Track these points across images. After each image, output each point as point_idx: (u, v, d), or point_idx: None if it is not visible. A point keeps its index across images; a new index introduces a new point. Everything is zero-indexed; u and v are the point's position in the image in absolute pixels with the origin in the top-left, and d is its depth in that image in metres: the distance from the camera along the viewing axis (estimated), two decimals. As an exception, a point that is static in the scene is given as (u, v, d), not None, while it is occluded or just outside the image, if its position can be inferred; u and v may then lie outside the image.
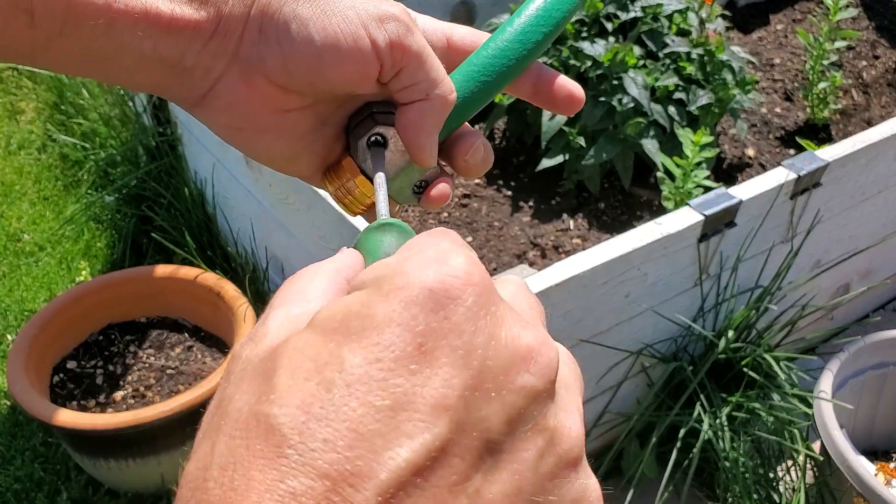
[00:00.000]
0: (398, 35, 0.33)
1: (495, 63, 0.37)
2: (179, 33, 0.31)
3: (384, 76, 0.34)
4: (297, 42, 0.32)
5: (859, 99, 1.80)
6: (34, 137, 2.07)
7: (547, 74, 0.39)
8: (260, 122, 0.35)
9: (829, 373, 1.23)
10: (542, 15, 0.37)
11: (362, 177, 0.37)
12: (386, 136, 0.36)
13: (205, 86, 0.34)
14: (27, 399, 1.16)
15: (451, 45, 0.38)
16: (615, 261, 1.02)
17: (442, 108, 0.35)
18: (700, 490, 1.28)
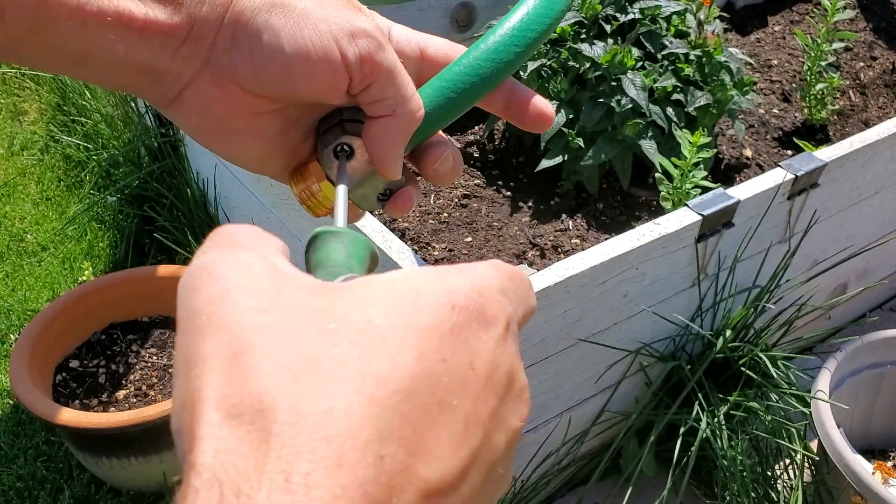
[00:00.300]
0: (369, 51, 0.33)
1: (465, 79, 0.37)
2: (152, 37, 0.32)
3: (353, 89, 0.34)
4: (268, 52, 0.32)
5: (857, 100, 1.81)
6: (37, 138, 2.08)
7: (520, 92, 0.39)
8: (231, 125, 0.35)
9: (826, 372, 1.24)
10: (514, 35, 0.37)
11: (327, 182, 0.37)
12: (353, 147, 0.37)
13: (176, 88, 0.34)
14: (30, 398, 1.17)
15: (425, 57, 0.38)
16: (613, 260, 1.03)
17: (408, 125, 0.36)
18: (698, 488, 1.29)
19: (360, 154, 0.37)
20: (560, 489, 1.29)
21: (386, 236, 1.02)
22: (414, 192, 0.39)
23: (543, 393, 1.11)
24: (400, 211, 0.39)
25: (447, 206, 1.46)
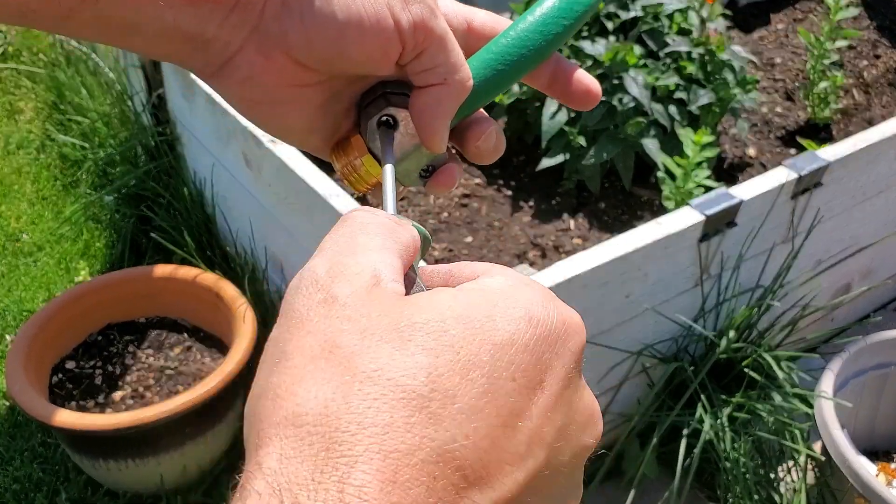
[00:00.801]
0: (422, 17, 0.33)
1: (513, 52, 0.36)
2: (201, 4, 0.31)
3: (405, 57, 0.34)
4: (321, 18, 0.32)
5: (860, 98, 1.80)
6: (33, 137, 2.06)
7: (565, 67, 0.38)
8: (274, 95, 0.35)
9: (830, 373, 1.23)
10: (563, 7, 0.37)
11: (369, 156, 0.37)
12: (397, 118, 0.36)
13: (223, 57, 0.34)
14: (26, 399, 1.16)
15: (472, 30, 0.38)
16: (616, 261, 1.02)
17: (458, 94, 0.35)
18: (701, 490, 1.28)
19: (405, 127, 0.36)
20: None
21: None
22: (457, 170, 0.39)
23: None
24: (442, 187, 0.39)
25: (447, 205, 1.45)
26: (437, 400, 0.20)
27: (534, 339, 0.22)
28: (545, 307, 0.23)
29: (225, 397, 1.21)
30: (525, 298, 0.23)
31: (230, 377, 1.19)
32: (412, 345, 0.21)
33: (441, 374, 0.21)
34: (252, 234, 1.46)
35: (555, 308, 0.24)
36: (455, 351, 0.21)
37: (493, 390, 0.21)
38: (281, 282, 1.45)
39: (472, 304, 0.23)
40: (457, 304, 0.22)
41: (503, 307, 0.23)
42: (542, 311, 0.23)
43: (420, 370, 0.21)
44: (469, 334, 0.22)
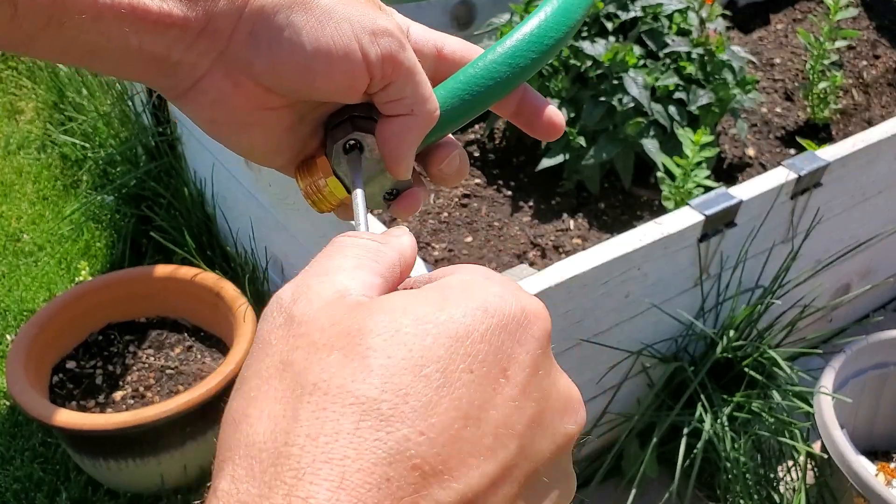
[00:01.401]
0: (391, 50, 0.33)
1: (480, 82, 0.37)
2: (167, 30, 0.31)
3: (372, 89, 0.34)
4: (288, 49, 0.32)
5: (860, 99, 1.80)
6: (33, 137, 2.07)
7: (531, 98, 0.39)
8: (241, 118, 0.35)
9: (829, 373, 1.23)
10: (532, 40, 0.37)
11: (334, 178, 0.37)
12: (363, 143, 0.37)
13: (189, 80, 0.34)
14: (27, 399, 1.16)
15: (442, 57, 0.38)
16: (615, 261, 1.02)
17: (424, 125, 0.36)
18: (700, 490, 1.28)
19: (370, 151, 0.37)
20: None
21: (385, 236, 1.01)
22: (421, 194, 0.39)
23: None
24: (406, 212, 0.39)
25: (447, 205, 1.45)
26: (388, 401, 0.20)
27: (490, 329, 0.22)
28: (502, 297, 0.23)
29: (225, 397, 1.21)
30: (481, 291, 0.23)
31: (230, 377, 1.19)
32: (362, 348, 0.21)
33: (393, 374, 0.20)
34: (252, 233, 1.47)
35: (513, 297, 0.23)
36: (408, 349, 0.21)
37: (448, 383, 0.20)
38: (281, 281, 1.45)
39: (426, 301, 0.22)
40: (410, 303, 0.22)
41: (457, 301, 0.22)
42: (498, 302, 0.23)
43: (370, 373, 0.20)
44: (422, 330, 0.21)
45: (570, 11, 0.38)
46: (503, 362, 0.22)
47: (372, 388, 0.20)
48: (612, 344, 1.13)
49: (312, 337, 0.22)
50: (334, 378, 0.20)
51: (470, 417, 0.20)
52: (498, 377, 0.21)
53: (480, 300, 0.22)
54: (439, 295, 0.23)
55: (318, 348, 0.21)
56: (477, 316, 0.22)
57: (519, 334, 0.22)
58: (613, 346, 1.13)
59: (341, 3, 0.33)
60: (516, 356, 0.22)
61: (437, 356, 0.21)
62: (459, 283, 0.24)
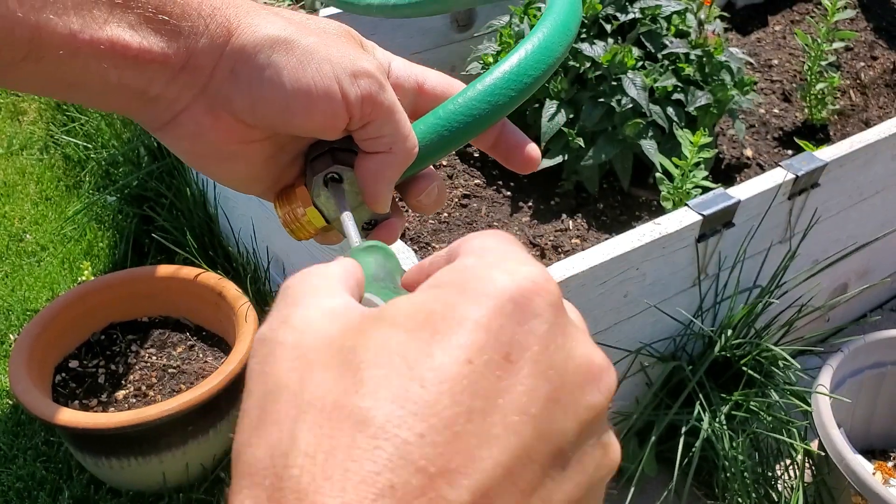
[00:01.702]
0: (370, 91, 0.34)
1: (459, 118, 0.37)
2: (147, 66, 0.32)
3: (352, 126, 0.35)
4: (269, 88, 0.33)
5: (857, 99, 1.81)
6: (36, 138, 2.08)
7: (509, 133, 0.39)
8: (221, 150, 0.35)
9: (827, 372, 1.24)
10: (510, 78, 0.38)
11: (313, 208, 0.38)
12: (342, 176, 0.37)
13: (169, 114, 0.34)
14: (29, 398, 1.17)
15: (423, 91, 0.39)
16: (614, 260, 1.03)
17: (402, 162, 0.36)
18: (699, 489, 1.29)
19: (349, 184, 0.37)
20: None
21: (386, 236, 1.02)
22: (398, 224, 0.40)
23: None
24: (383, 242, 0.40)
25: (447, 205, 1.46)
26: (383, 408, 0.20)
27: (484, 315, 0.21)
28: (494, 281, 0.22)
29: (227, 396, 1.22)
30: (472, 279, 0.22)
31: (232, 376, 1.20)
32: (354, 363, 0.21)
33: (386, 382, 0.20)
34: (254, 234, 1.47)
35: (509, 277, 0.22)
36: (401, 356, 0.21)
37: (445, 380, 0.20)
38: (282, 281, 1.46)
39: (417, 304, 0.22)
40: (399, 311, 0.22)
41: (446, 297, 0.22)
42: (490, 287, 0.22)
43: (362, 385, 0.20)
44: (411, 336, 0.21)
45: (550, 49, 0.39)
46: (504, 347, 0.21)
47: (365, 398, 0.20)
48: (611, 343, 1.14)
49: (307, 357, 0.22)
50: (329, 395, 0.20)
51: (474, 410, 0.20)
52: (501, 363, 0.21)
53: (472, 290, 0.22)
54: (429, 295, 0.22)
55: (313, 368, 0.21)
56: (468, 306, 0.21)
57: (518, 315, 0.21)
58: (612, 345, 1.14)
59: (323, 44, 0.33)
60: (518, 338, 0.21)
61: (429, 353, 0.20)
62: (450, 277, 0.23)
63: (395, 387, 0.20)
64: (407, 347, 0.21)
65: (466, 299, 0.22)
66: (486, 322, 0.21)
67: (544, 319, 0.22)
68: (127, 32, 0.31)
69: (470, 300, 0.22)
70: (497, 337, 0.21)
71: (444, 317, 0.21)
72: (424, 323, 0.21)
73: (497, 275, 0.22)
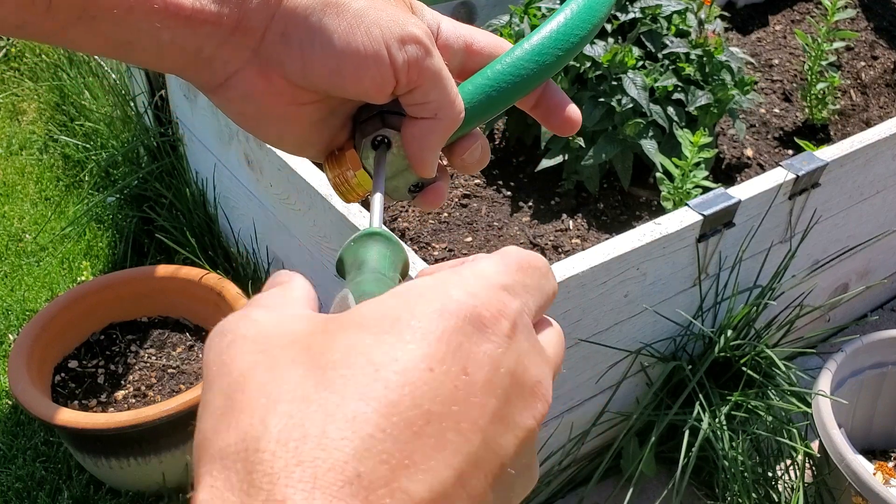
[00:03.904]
0: (417, 57, 0.34)
1: (507, 78, 0.37)
2: (200, 26, 0.32)
3: (398, 91, 0.35)
4: (319, 52, 0.33)
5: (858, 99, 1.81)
6: (36, 138, 2.07)
7: (552, 93, 0.40)
8: (273, 112, 0.36)
9: (827, 372, 1.24)
10: (557, 37, 0.38)
11: (363, 170, 0.38)
12: (390, 139, 0.37)
13: (222, 76, 0.34)
14: (29, 398, 1.17)
15: (471, 51, 0.39)
16: (614, 260, 1.03)
17: (448, 128, 0.36)
18: (699, 489, 1.29)
19: (397, 147, 0.38)
20: (560, 489, 1.29)
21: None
22: (444, 187, 0.40)
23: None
24: (430, 205, 0.40)
25: (447, 205, 1.45)
26: (351, 404, 0.21)
27: (446, 330, 0.23)
28: (458, 301, 0.23)
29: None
30: (440, 294, 0.24)
31: (232, 376, 1.20)
32: (323, 361, 0.22)
33: (354, 381, 0.21)
34: (254, 234, 1.47)
35: (471, 299, 0.24)
36: (367, 357, 0.22)
37: (408, 383, 0.21)
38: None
39: (385, 310, 0.23)
40: (367, 313, 0.23)
41: (414, 307, 0.23)
42: (454, 306, 0.23)
43: (331, 384, 0.21)
44: (380, 339, 0.22)
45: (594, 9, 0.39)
46: (462, 361, 0.22)
47: (334, 394, 0.21)
48: (611, 343, 1.14)
49: (271, 353, 0.23)
50: (298, 389, 0.21)
51: (432, 413, 0.21)
52: (459, 375, 0.22)
53: (438, 304, 0.23)
54: (398, 302, 0.23)
55: (278, 363, 0.22)
56: (433, 319, 0.23)
57: (476, 336, 0.23)
58: (612, 345, 1.14)
59: (373, 7, 0.33)
60: (474, 356, 0.23)
61: (395, 358, 0.22)
62: (420, 289, 0.24)
63: (361, 386, 0.21)
64: (373, 351, 0.22)
65: (432, 313, 0.23)
66: (448, 337, 0.23)
67: (498, 344, 0.24)
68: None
69: (435, 314, 0.23)
70: (456, 352, 0.23)
71: (409, 325, 0.23)
72: (391, 328, 0.22)
73: (461, 295, 0.24)
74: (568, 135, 0.41)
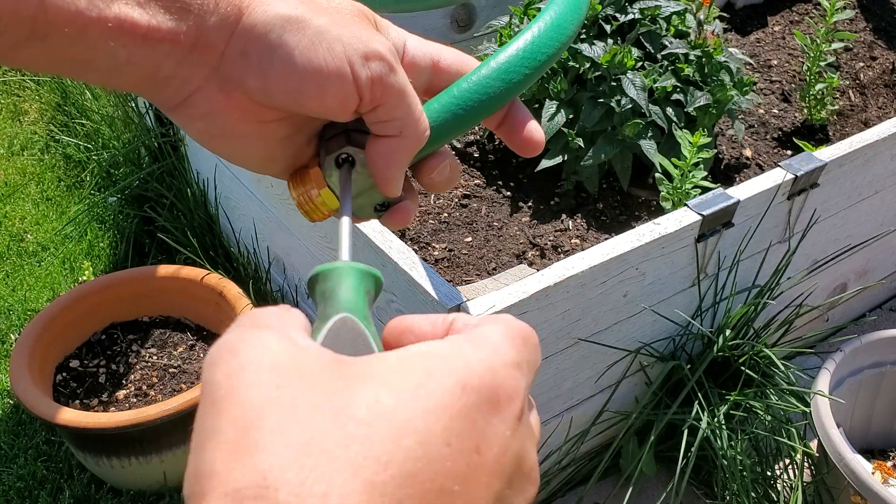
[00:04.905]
0: (381, 74, 0.33)
1: (473, 96, 0.37)
2: (156, 44, 0.31)
3: (362, 109, 0.34)
4: (280, 69, 0.32)
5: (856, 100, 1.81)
6: (37, 138, 2.08)
7: (516, 112, 0.39)
8: (236, 130, 0.35)
9: (826, 371, 1.24)
10: (524, 56, 0.37)
11: (327, 189, 0.37)
12: (355, 158, 0.37)
13: (182, 94, 0.34)
14: (30, 398, 1.17)
15: (438, 69, 0.38)
16: (613, 260, 1.03)
17: (413, 146, 0.36)
18: (698, 488, 1.29)
19: (361, 165, 0.37)
20: (560, 489, 1.29)
21: (386, 236, 1.02)
22: (411, 206, 0.39)
23: (543, 393, 1.11)
24: (397, 224, 0.39)
25: (447, 206, 1.46)
26: (370, 468, 0.20)
27: (466, 406, 0.23)
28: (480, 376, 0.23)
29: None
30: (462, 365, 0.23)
31: (233, 375, 1.20)
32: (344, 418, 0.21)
33: (375, 443, 0.21)
34: (255, 234, 1.48)
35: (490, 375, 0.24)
36: (388, 420, 0.21)
37: (427, 456, 0.21)
38: (283, 282, 1.46)
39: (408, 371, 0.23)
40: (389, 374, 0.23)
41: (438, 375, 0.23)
42: (476, 380, 0.23)
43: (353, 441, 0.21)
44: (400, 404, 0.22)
45: (562, 27, 0.38)
46: (476, 440, 0.23)
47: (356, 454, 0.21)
48: (611, 343, 1.14)
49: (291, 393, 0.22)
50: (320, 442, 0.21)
51: (444, 490, 0.21)
52: (472, 453, 0.22)
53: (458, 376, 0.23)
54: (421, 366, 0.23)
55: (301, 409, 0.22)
56: (456, 392, 0.23)
57: (491, 416, 0.23)
58: (612, 345, 1.15)
59: (335, 24, 0.33)
60: (487, 435, 0.23)
61: (416, 428, 0.21)
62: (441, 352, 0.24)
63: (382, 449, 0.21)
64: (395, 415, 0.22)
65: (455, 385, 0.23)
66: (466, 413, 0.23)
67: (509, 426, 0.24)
68: (135, 10, 0.30)
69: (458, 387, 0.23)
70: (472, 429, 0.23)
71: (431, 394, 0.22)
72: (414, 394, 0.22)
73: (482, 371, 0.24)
74: (531, 156, 0.40)
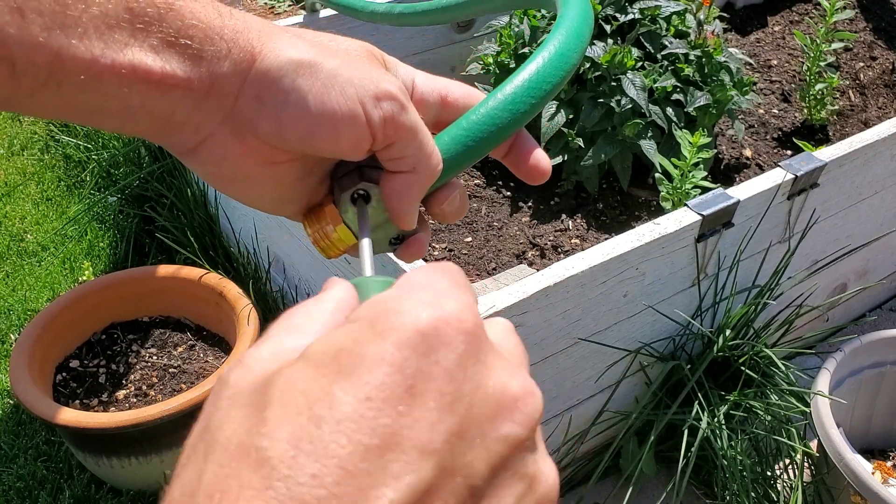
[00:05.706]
0: (393, 113, 0.34)
1: (482, 128, 0.38)
2: (170, 91, 0.31)
3: (375, 147, 0.35)
4: (294, 113, 0.33)
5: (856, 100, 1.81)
6: (37, 138, 2.08)
7: (523, 142, 0.40)
8: (249, 173, 0.35)
9: (826, 371, 1.24)
10: (531, 86, 0.38)
11: (343, 225, 0.38)
12: (370, 193, 0.38)
13: (195, 139, 0.34)
14: (30, 398, 1.17)
15: (446, 103, 0.39)
16: (613, 260, 1.03)
17: (427, 181, 0.36)
18: (698, 488, 1.29)
19: (376, 200, 0.38)
20: (560, 488, 1.29)
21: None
22: (425, 239, 0.40)
23: (543, 393, 1.11)
24: (412, 256, 0.40)
25: (447, 206, 1.46)
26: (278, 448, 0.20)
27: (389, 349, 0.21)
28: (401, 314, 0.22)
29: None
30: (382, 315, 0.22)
31: (233, 375, 1.20)
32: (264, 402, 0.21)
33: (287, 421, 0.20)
34: (255, 234, 1.48)
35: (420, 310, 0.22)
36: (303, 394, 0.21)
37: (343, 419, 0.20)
38: (283, 282, 1.47)
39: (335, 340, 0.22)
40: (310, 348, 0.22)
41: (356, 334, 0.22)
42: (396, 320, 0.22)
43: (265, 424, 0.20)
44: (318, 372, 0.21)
45: (566, 56, 0.39)
46: (408, 380, 0.21)
47: (264, 438, 0.20)
48: (611, 343, 1.14)
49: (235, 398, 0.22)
50: (235, 435, 0.21)
51: (370, 449, 0.20)
52: (403, 397, 0.21)
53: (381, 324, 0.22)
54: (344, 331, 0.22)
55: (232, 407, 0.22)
56: (373, 341, 0.21)
57: (424, 346, 0.21)
58: (612, 344, 1.15)
59: (346, 66, 0.33)
60: (423, 370, 0.21)
61: (328, 393, 0.20)
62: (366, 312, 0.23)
63: (293, 426, 0.20)
64: (311, 385, 0.21)
65: (373, 334, 0.22)
66: (390, 356, 0.21)
67: (452, 349, 0.22)
68: (149, 57, 0.30)
69: (376, 335, 0.22)
70: (400, 370, 0.21)
71: (350, 353, 0.21)
72: (332, 360, 0.21)
73: (409, 306, 0.22)
74: (537, 184, 0.41)
